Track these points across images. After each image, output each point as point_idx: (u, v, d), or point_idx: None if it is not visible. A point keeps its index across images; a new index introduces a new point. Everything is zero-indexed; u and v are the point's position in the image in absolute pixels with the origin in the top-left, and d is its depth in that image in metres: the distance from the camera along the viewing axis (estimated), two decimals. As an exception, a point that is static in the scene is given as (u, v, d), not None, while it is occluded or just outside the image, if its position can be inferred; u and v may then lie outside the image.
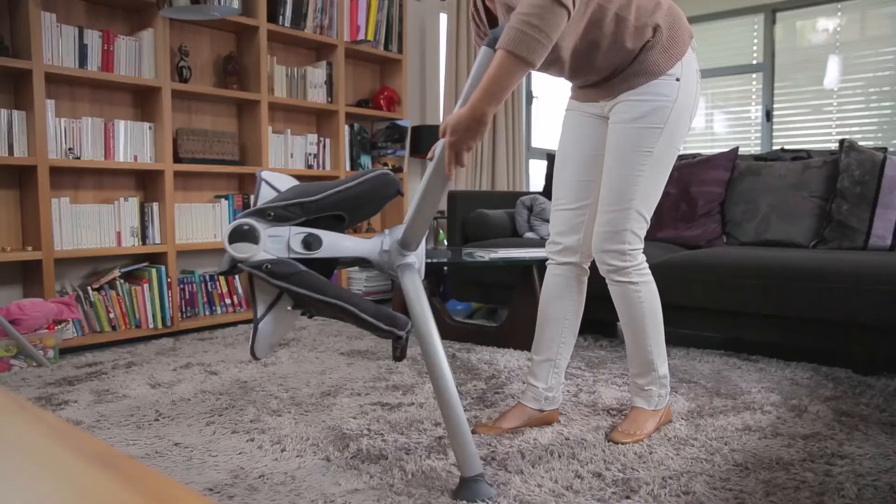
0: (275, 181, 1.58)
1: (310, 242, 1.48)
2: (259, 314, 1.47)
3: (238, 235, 1.44)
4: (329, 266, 1.55)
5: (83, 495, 0.49)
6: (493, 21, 1.68)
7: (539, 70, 1.70)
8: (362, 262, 1.59)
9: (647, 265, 1.69)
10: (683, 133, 1.64)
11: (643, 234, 1.67)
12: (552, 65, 1.59)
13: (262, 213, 1.47)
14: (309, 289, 1.42)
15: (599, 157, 1.70)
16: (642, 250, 1.68)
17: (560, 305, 1.78)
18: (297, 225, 1.49)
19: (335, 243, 1.51)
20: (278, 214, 1.48)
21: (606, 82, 1.63)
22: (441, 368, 1.42)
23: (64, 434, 0.62)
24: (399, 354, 1.52)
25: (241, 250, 1.43)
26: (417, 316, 1.46)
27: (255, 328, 1.47)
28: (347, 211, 1.55)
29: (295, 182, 1.59)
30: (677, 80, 1.58)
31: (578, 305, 1.80)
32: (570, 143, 1.77)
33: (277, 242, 1.47)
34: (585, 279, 1.80)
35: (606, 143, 1.66)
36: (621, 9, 1.53)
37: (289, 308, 1.50)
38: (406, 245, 1.54)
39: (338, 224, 1.56)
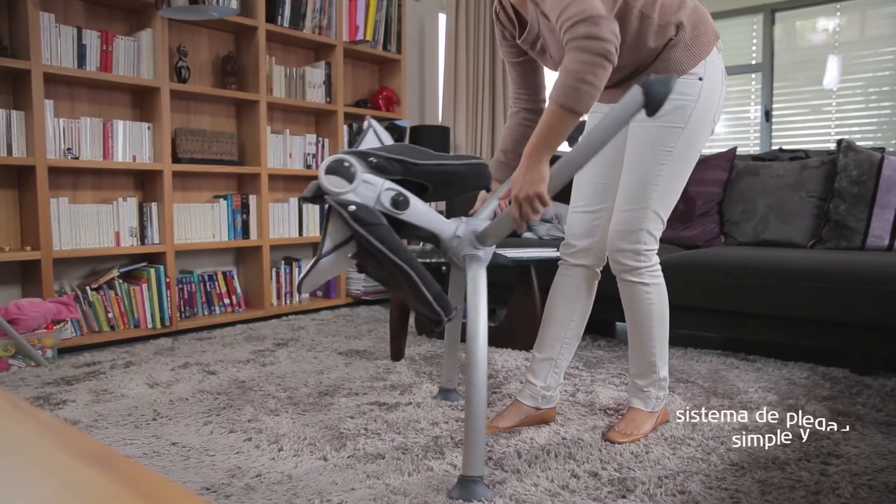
0: (381, 133, 1.60)
1: (398, 202, 1.48)
2: (324, 250, 1.45)
3: (335, 169, 1.43)
4: (396, 231, 1.54)
5: (78, 493, 0.49)
6: (521, 21, 1.68)
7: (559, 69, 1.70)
8: (431, 239, 1.58)
9: (660, 267, 1.68)
10: (706, 134, 1.63)
11: (659, 234, 1.66)
12: None
13: (364, 157, 1.47)
14: (384, 244, 1.40)
15: (620, 159, 1.69)
16: (657, 251, 1.67)
17: (567, 306, 1.78)
18: (391, 181, 1.50)
19: (420, 211, 1.52)
20: (380, 164, 1.48)
21: (628, 81, 1.63)
22: (479, 364, 1.42)
23: (59, 433, 0.62)
24: (432, 331, 1.53)
25: (335, 184, 1.43)
26: (472, 309, 1.47)
27: (315, 262, 1.45)
28: (437, 185, 1.55)
29: (392, 141, 1.60)
30: (700, 79, 1.57)
31: (586, 308, 1.80)
32: None
33: (369, 190, 1.47)
34: (596, 283, 1.80)
35: (627, 142, 1.66)
36: (646, 6, 1.53)
37: (349, 255, 1.48)
38: (482, 239, 1.55)
39: (419, 194, 1.56)
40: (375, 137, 1.59)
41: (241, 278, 3.55)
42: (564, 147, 1.83)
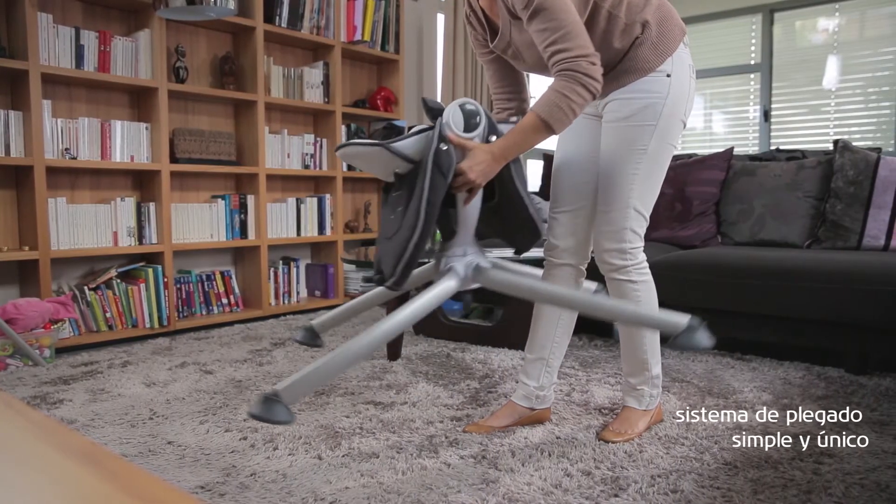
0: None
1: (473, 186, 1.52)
2: (395, 144, 1.45)
3: (466, 111, 1.48)
4: (447, 203, 1.54)
5: (68, 492, 0.50)
6: (492, 26, 1.68)
7: (533, 72, 1.71)
8: (447, 231, 1.61)
9: (647, 264, 1.69)
10: (678, 130, 1.64)
11: (643, 232, 1.67)
12: (546, 68, 1.59)
13: (492, 129, 1.52)
14: (431, 191, 1.41)
15: (596, 159, 1.70)
16: (642, 248, 1.68)
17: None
18: None
19: (472, 205, 1.55)
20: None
21: None
22: (388, 328, 1.42)
23: (50, 431, 0.63)
24: (370, 279, 1.56)
25: (455, 120, 1.48)
26: (416, 299, 1.47)
27: (376, 144, 1.46)
28: (499, 207, 1.59)
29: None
30: (668, 76, 1.58)
31: None
32: (567, 145, 1.77)
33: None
34: (582, 280, 1.81)
35: (601, 142, 1.67)
36: (613, 6, 1.54)
37: (395, 170, 1.50)
38: (476, 275, 1.58)
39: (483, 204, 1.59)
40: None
41: (239, 278, 3.56)
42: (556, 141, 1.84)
